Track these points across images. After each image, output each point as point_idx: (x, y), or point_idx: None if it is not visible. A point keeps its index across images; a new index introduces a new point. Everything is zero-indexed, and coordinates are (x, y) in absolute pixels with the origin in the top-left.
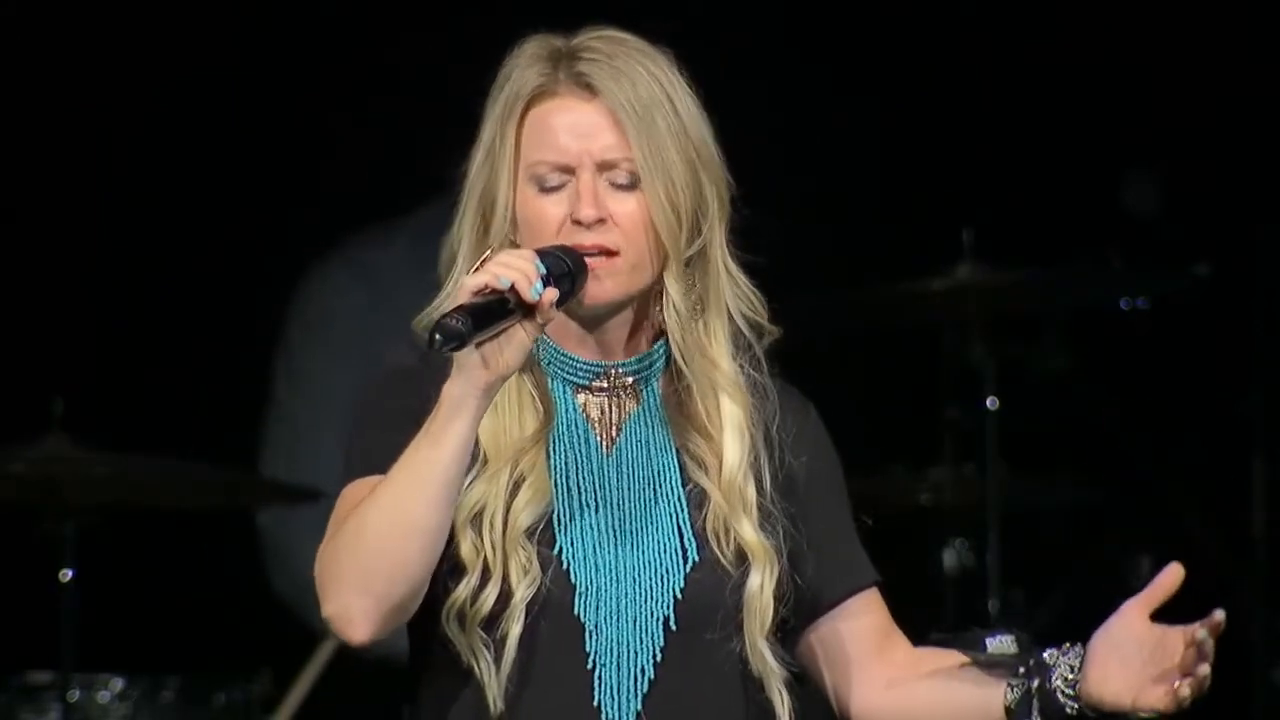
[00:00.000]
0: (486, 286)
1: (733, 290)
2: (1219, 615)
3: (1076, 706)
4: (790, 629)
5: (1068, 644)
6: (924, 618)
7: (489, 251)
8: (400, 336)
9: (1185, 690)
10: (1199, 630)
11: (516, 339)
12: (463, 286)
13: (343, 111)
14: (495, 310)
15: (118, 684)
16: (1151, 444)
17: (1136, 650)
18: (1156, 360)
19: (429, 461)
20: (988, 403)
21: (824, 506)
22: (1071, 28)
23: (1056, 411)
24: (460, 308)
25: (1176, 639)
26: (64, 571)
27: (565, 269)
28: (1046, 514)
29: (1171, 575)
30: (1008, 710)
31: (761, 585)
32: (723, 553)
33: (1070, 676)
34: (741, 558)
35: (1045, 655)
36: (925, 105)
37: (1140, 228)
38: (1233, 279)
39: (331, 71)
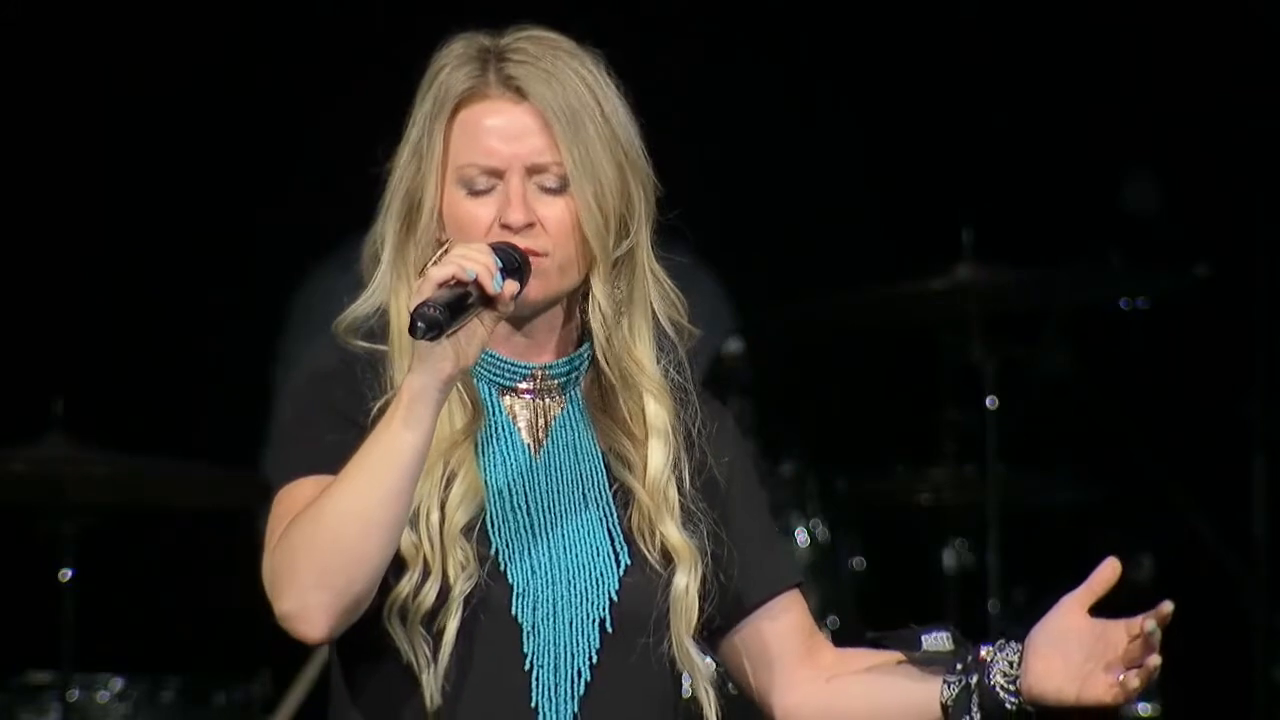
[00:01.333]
0: (452, 278)
1: (657, 291)
2: (1167, 607)
3: (1017, 701)
4: (715, 629)
5: (1002, 640)
6: (924, 618)
7: (446, 245)
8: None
9: (1133, 682)
10: (1146, 622)
11: (478, 333)
12: (429, 278)
13: (342, 112)
14: (461, 302)
15: (118, 684)
16: (1151, 444)
17: (1077, 644)
18: (1156, 360)
19: (389, 455)
20: (988, 403)
21: (744, 509)
22: (1071, 28)
23: (1056, 411)
24: (434, 298)
25: (1119, 632)
26: (64, 571)
27: (516, 263)
28: (1046, 514)
29: (1108, 569)
30: (944, 707)
31: (687, 586)
32: (649, 551)
33: (1010, 672)
34: (667, 558)
35: (982, 651)
36: (925, 105)
37: (1140, 228)
38: (1233, 279)
39: (331, 72)
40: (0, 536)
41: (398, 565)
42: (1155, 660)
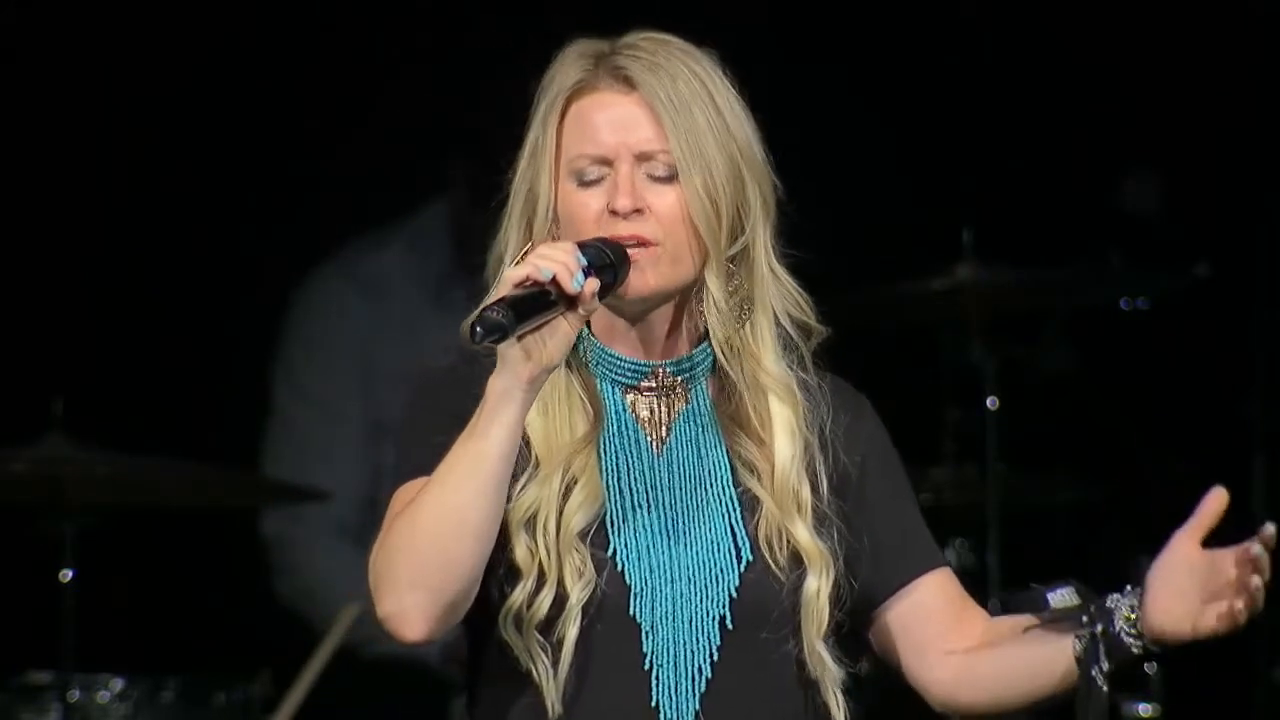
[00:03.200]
0: (528, 278)
1: (778, 291)
2: (1270, 529)
3: (1141, 644)
4: (855, 623)
5: (1128, 586)
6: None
7: (529, 245)
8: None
9: (1239, 605)
10: (1253, 546)
11: (560, 331)
12: (504, 278)
13: (341, 113)
14: (537, 302)
15: (118, 684)
16: (1151, 444)
17: (1190, 578)
18: (1156, 360)
19: (476, 456)
20: (988, 403)
21: (883, 500)
22: (1071, 28)
23: (1056, 411)
24: (501, 299)
25: (1227, 560)
26: (64, 571)
27: (606, 260)
28: (1046, 514)
29: (1216, 499)
30: (1078, 660)
31: (818, 590)
32: (776, 558)
33: (1132, 616)
34: (796, 561)
35: (1107, 601)
36: (925, 105)
37: (1140, 228)
38: (1233, 279)
39: (332, 73)
40: (0, 536)
41: (512, 573)
42: (1258, 581)
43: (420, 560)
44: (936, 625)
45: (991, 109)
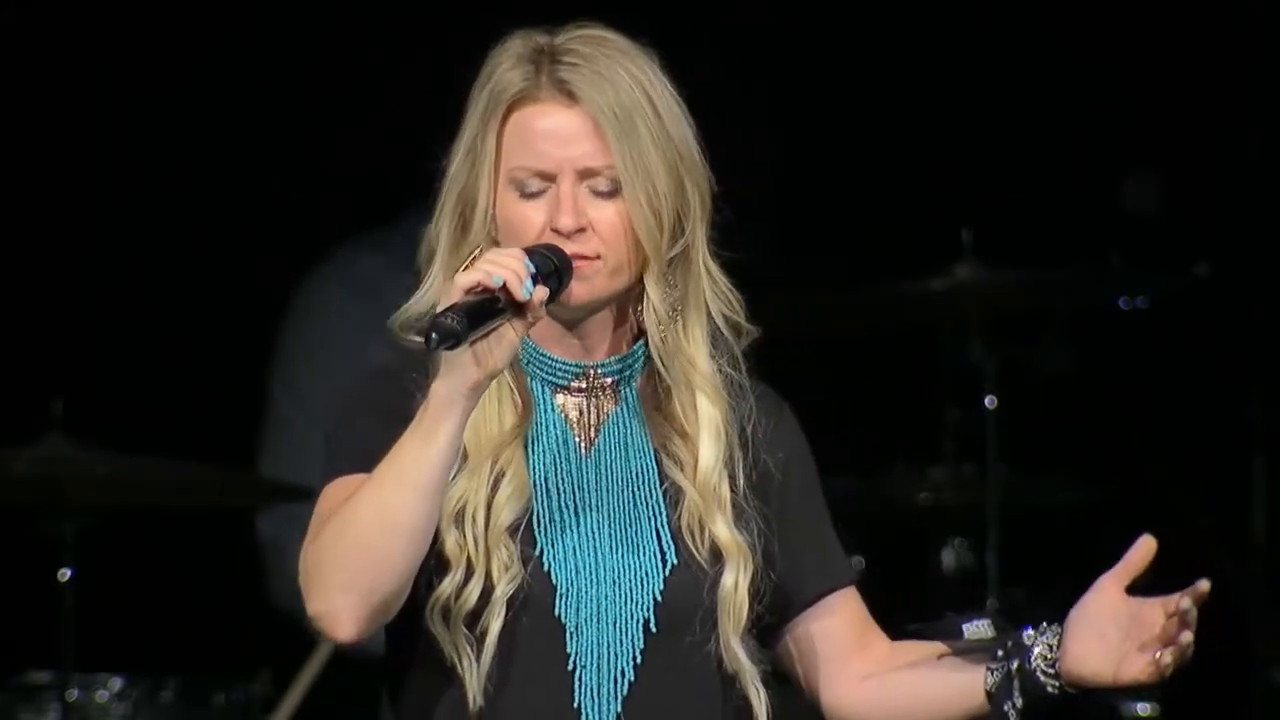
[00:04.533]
0: (479, 284)
1: (712, 290)
2: (1204, 585)
3: (1058, 684)
4: (766, 626)
5: (1044, 623)
6: (924, 618)
7: (478, 250)
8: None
9: (1167, 659)
10: (1182, 600)
11: (507, 338)
12: (455, 284)
13: (339, 114)
14: (487, 309)
15: (117, 684)
16: (1151, 444)
17: (1114, 624)
18: (1156, 360)
19: (417, 459)
20: (987, 403)
21: (799, 506)
22: (1071, 28)
23: (1056, 411)
24: (454, 306)
25: (1155, 610)
26: (64, 571)
27: (552, 267)
28: (1046, 514)
29: (1143, 548)
30: (989, 694)
31: (736, 583)
32: (698, 550)
33: (1049, 655)
34: (716, 556)
35: (1023, 636)
36: (925, 105)
37: (1140, 228)
38: (1233, 279)
39: (332, 73)
40: (0, 536)
41: (441, 565)
42: (1188, 637)
43: (354, 561)
44: (841, 644)
45: (991, 108)
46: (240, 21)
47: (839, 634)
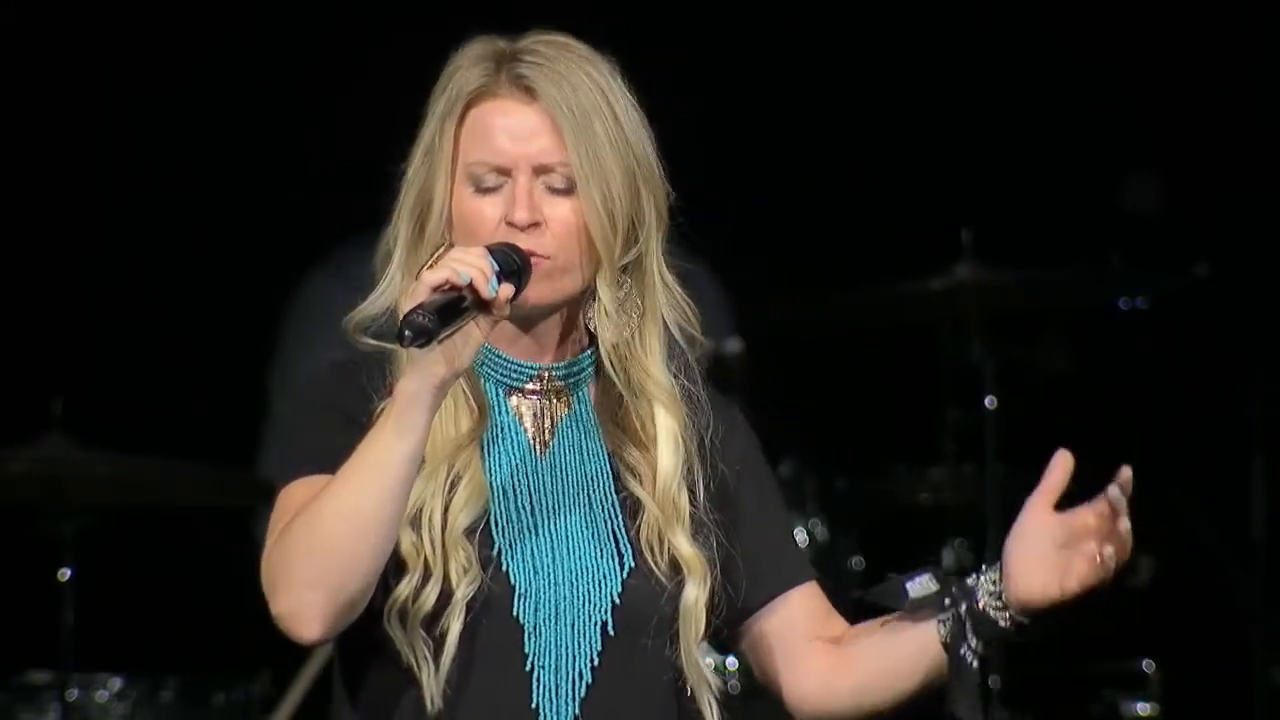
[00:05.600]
0: (446, 282)
1: (668, 299)
2: (1126, 472)
3: (1008, 615)
4: (724, 637)
5: (984, 565)
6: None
7: (444, 247)
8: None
9: (1109, 552)
10: (1110, 490)
11: (472, 336)
12: (422, 282)
13: (338, 115)
14: (455, 306)
15: (117, 684)
16: (1151, 444)
17: (1049, 540)
18: (1156, 360)
19: (384, 458)
20: (987, 403)
21: (754, 509)
22: (1071, 28)
23: (1056, 412)
24: (424, 304)
25: (1086, 516)
26: (63, 571)
27: (515, 265)
28: None
29: (1061, 463)
30: (944, 645)
31: (697, 597)
32: (657, 563)
33: (994, 589)
34: (676, 568)
35: (967, 581)
36: (925, 105)
37: (1140, 228)
38: (1232, 279)
39: (330, 73)
40: (0, 536)
41: (398, 567)
42: (1125, 525)
43: (320, 561)
44: (798, 637)
45: (991, 108)
46: (240, 22)
47: (795, 629)
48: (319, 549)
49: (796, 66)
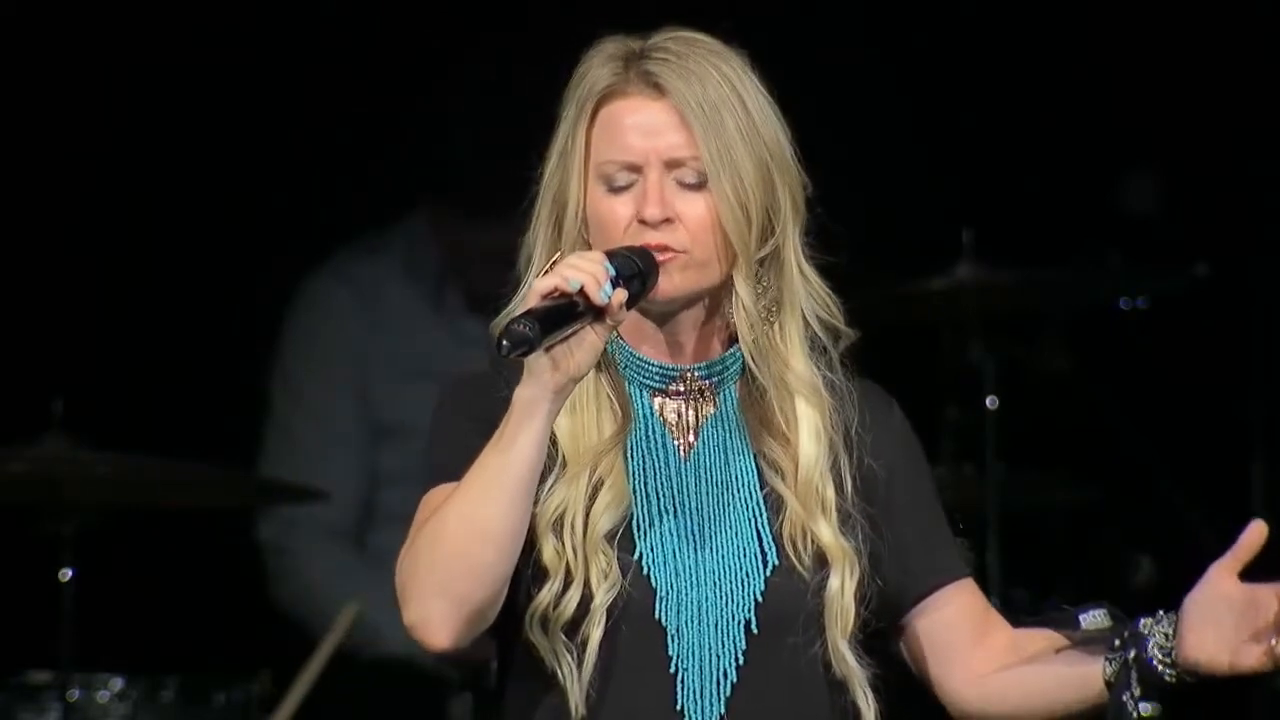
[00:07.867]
0: (555, 289)
1: (807, 292)
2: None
3: (1174, 674)
4: (873, 630)
5: (1160, 612)
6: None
7: (559, 254)
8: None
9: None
10: None
11: (587, 341)
12: (532, 290)
13: (338, 117)
14: (565, 313)
15: (117, 684)
16: (1151, 444)
17: (1228, 611)
18: (1156, 360)
19: (502, 466)
20: (987, 403)
21: (909, 505)
22: (1071, 28)
23: (1056, 411)
24: (528, 312)
25: (1269, 596)
26: (64, 571)
27: (635, 269)
28: (1046, 514)
29: (1255, 532)
30: (1108, 684)
31: (842, 587)
32: (800, 558)
33: (1165, 644)
34: (821, 561)
35: (1140, 625)
36: (925, 105)
37: (1140, 228)
38: (1233, 279)
39: (332, 73)
40: (0, 536)
41: (539, 574)
42: None
43: (444, 569)
44: (961, 638)
45: (992, 109)
46: (241, 22)
47: (954, 627)
48: (442, 558)
49: (795, 66)
